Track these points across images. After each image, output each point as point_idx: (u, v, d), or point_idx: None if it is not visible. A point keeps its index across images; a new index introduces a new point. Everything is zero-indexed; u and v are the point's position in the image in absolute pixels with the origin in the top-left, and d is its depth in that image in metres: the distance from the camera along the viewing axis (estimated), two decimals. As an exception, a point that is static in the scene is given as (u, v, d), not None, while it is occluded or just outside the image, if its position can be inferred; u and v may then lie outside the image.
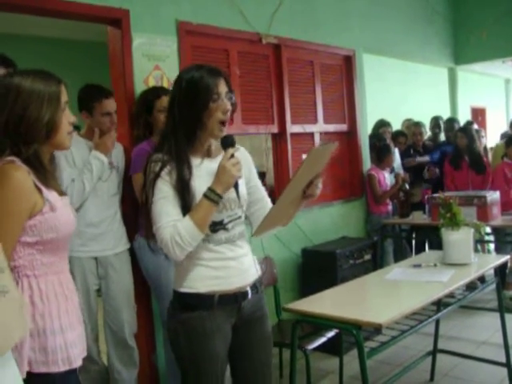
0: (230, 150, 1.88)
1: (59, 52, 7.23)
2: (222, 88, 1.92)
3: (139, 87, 3.33)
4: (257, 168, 2.23)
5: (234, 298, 1.98)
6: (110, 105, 3.01)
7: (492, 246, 5.91)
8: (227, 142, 1.90)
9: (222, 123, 1.92)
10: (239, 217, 2.03)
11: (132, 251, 3.17)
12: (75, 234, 2.82)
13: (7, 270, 1.43)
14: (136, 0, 3.35)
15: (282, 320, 3.48)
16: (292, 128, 4.59)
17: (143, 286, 3.25)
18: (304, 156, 4.67)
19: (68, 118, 1.71)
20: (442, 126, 6.41)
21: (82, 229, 2.87)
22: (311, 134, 4.85)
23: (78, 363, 1.71)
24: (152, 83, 3.42)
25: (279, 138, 4.55)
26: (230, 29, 3.99)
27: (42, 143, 1.65)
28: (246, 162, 2.11)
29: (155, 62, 3.46)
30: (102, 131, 2.99)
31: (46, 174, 1.67)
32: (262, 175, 2.88)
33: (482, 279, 4.61)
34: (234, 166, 1.85)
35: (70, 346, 1.68)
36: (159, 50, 3.49)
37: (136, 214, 3.14)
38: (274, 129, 4.48)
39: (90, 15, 3.22)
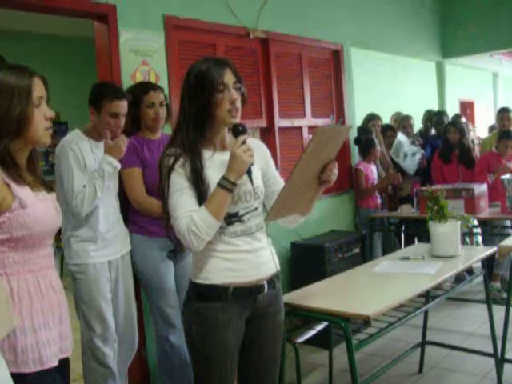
0: (241, 138, 1.88)
1: (45, 48, 7.17)
2: (228, 78, 1.92)
3: (126, 83, 3.31)
4: None
5: (249, 292, 1.97)
6: (120, 107, 2.80)
7: (480, 238, 5.94)
8: (238, 130, 1.91)
9: (232, 112, 1.93)
10: (255, 208, 2.02)
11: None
12: (89, 240, 2.80)
13: None
14: (122, -5, 3.33)
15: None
16: (280, 122, 4.60)
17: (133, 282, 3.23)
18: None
19: (44, 113, 1.65)
20: (433, 119, 6.41)
21: (98, 234, 2.81)
22: (299, 128, 4.86)
23: (52, 363, 1.65)
24: (139, 78, 3.41)
25: (267, 133, 4.55)
26: (217, 23, 3.98)
27: (12, 138, 1.60)
28: (263, 154, 2.12)
29: (142, 57, 3.45)
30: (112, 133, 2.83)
31: (17, 169, 1.61)
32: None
33: (469, 271, 4.64)
34: (246, 153, 1.85)
35: (44, 346, 1.62)
36: (146, 45, 3.48)
37: (125, 210, 3.13)
38: (263, 123, 4.48)
39: (76, 10, 3.20)
